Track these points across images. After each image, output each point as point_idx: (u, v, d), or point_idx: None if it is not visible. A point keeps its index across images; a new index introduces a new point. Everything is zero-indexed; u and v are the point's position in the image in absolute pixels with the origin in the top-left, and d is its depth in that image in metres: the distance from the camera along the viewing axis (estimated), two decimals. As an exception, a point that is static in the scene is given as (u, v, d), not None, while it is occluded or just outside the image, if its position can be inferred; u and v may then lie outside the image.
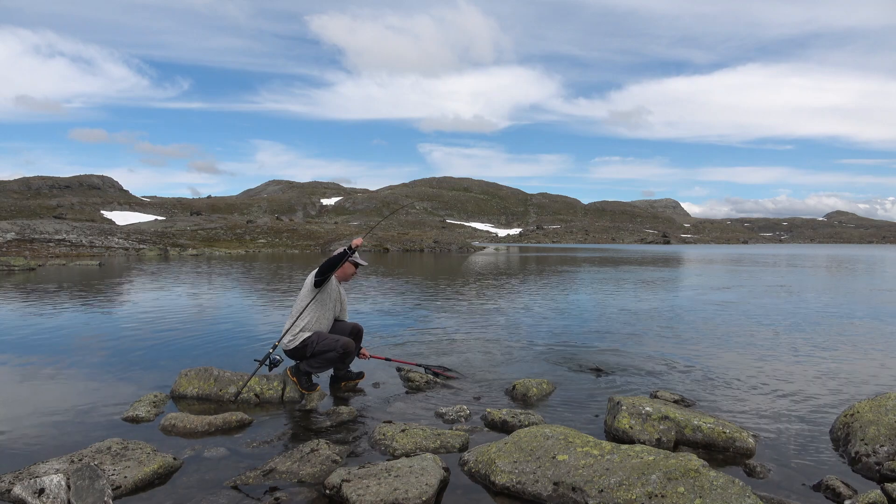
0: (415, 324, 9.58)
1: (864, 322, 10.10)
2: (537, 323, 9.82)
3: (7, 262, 25.81)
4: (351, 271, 5.62)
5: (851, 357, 7.14)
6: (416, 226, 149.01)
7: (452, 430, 4.24)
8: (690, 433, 4.02)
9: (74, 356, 6.90)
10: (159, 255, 43.03)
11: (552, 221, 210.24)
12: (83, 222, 63.22)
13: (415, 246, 62.19)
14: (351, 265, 5.57)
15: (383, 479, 3.23)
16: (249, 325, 9.37)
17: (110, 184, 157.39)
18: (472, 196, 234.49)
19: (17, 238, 42.14)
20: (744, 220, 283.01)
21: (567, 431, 3.72)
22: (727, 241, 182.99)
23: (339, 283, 5.61)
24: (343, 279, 5.63)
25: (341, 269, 5.53)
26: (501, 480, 3.35)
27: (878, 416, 3.87)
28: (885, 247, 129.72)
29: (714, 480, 2.99)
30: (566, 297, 14.35)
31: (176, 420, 4.34)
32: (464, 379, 5.90)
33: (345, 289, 5.80)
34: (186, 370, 5.36)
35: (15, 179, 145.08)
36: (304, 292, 5.28)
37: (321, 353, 5.09)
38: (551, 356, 7.05)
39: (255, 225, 76.15)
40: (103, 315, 10.49)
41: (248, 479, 3.43)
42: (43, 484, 2.99)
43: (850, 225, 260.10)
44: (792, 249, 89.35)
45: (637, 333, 8.78)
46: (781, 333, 8.86)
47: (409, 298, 13.39)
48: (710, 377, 6.04)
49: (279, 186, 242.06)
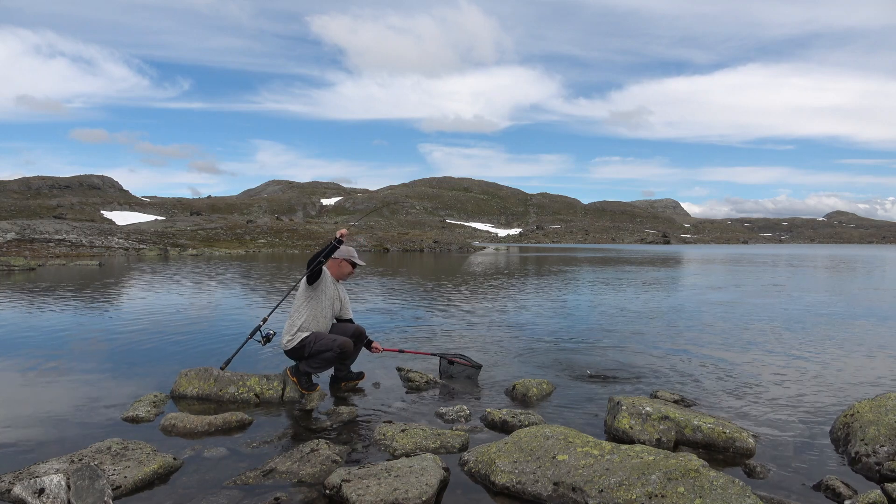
0: (415, 323, 9.59)
1: (865, 322, 10.10)
2: (537, 323, 9.82)
3: (7, 262, 25.81)
4: (347, 270, 5.57)
5: (851, 357, 7.14)
6: (416, 226, 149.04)
7: (452, 430, 4.24)
8: (690, 433, 4.02)
9: (74, 356, 6.90)
10: (159, 255, 43.03)
11: (552, 221, 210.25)
12: (83, 222, 63.23)
13: (415, 246, 62.18)
14: (348, 264, 5.53)
15: (383, 479, 3.23)
16: (249, 325, 9.36)
17: (110, 184, 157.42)
18: (472, 196, 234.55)
19: (17, 238, 42.15)
20: (744, 220, 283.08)
21: (567, 431, 3.72)
22: (727, 241, 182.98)
23: (337, 281, 5.60)
24: (340, 277, 5.59)
25: (337, 267, 5.49)
26: (501, 480, 3.35)
27: (878, 417, 3.87)
28: (886, 247, 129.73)
29: (714, 480, 2.99)
30: (566, 296, 14.35)
31: (176, 420, 4.34)
32: (482, 370, 5.91)
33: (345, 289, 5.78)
34: (186, 370, 5.36)
35: (15, 179, 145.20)
36: (300, 291, 5.27)
37: (318, 353, 5.08)
38: (551, 356, 7.04)
39: (255, 225, 76.15)
40: (103, 315, 10.49)
41: (248, 479, 3.43)
42: (43, 484, 2.99)
43: (850, 225, 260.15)
44: (792, 249, 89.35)
45: (637, 333, 8.78)
46: (781, 333, 8.86)
47: (408, 298, 13.39)
48: (710, 377, 6.04)
49: (279, 186, 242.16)
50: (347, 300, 5.69)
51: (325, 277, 5.34)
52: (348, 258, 5.51)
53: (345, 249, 5.48)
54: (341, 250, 5.45)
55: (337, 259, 5.48)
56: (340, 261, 5.50)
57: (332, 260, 5.47)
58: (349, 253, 5.52)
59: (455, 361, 5.90)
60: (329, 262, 5.47)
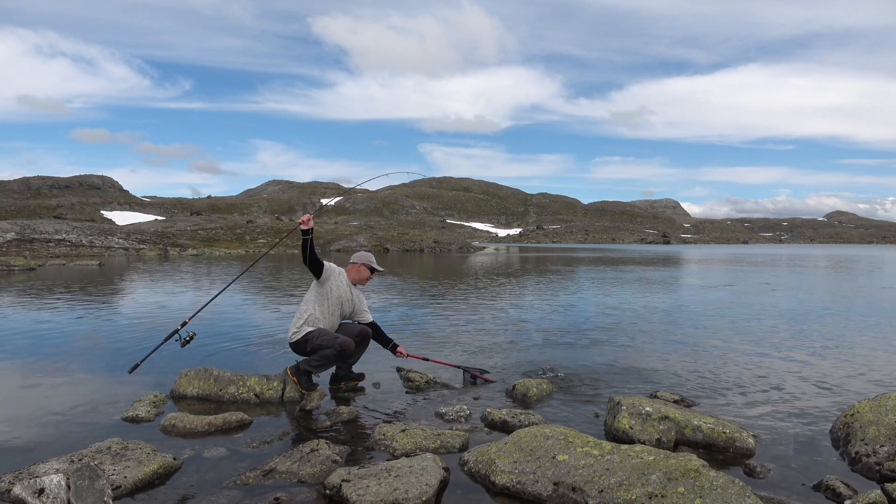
0: (414, 323, 9.58)
1: (865, 321, 10.10)
2: (537, 323, 9.81)
3: (7, 262, 25.81)
4: (366, 275, 5.60)
5: (851, 357, 7.14)
6: (416, 226, 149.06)
7: (452, 430, 4.24)
8: (690, 433, 4.02)
9: (74, 356, 6.90)
10: (159, 255, 43.03)
11: (552, 221, 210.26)
12: (83, 222, 63.23)
13: (415, 246, 62.18)
14: (366, 269, 5.57)
15: (383, 479, 3.23)
16: (249, 324, 9.36)
17: (110, 184, 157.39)
18: (472, 196, 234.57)
19: (17, 238, 42.14)
20: (744, 220, 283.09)
21: (567, 431, 3.72)
22: (727, 241, 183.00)
23: (353, 285, 5.60)
24: (358, 282, 5.61)
25: (356, 272, 5.54)
26: (501, 480, 3.35)
27: (878, 417, 3.87)
28: (886, 247, 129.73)
29: (714, 480, 2.99)
30: (566, 296, 14.35)
31: (176, 420, 4.34)
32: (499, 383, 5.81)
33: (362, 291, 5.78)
34: (186, 370, 5.36)
35: (15, 179, 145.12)
36: (311, 286, 5.36)
37: (319, 349, 5.09)
38: (551, 356, 7.04)
39: (255, 225, 76.16)
40: (103, 315, 10.49)
41: (248, 479, 3.43)
42: (43, 484, 2.98)
43: (850, 225, 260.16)
44: (792, 249, 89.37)
45: (637, 333, 8.78)
46: (781, 333, 8.86)
47: (408, 298, 13.38)
48: (710, 377, 6.04)
49: (279, 186, 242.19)
50: (363, 303, 5.67)
51: (332, 275, 5.36)
52: (367, 263, 5.57)
53: (364, 255, 5.59)
54: (361, 255, 5.57)
55: (356, 264, 5.55)
56: (359, 266, 5.55)
57: (352, 265, 5.56)
58: (368, 259, 5.60)
59: (477, 377, 5.90)
60: (348, 267, 5.56)
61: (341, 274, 5.46)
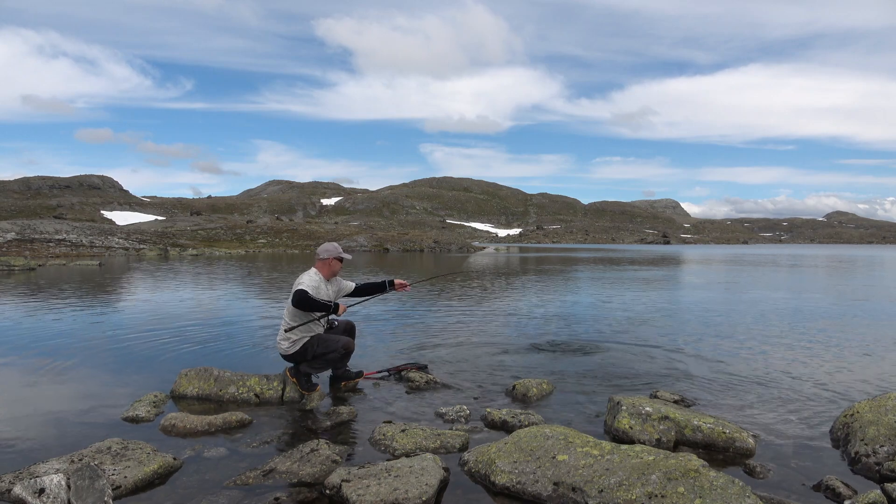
0: (414, 323, 9.58)
1: (865, 321, 10.10)
2: (537, 323, 9.81)
3: (7, 262, 25.80)
4: (337, 267, 5.55)
5: (851, 357, 7.14)
6: (416, 226, 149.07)
7: (452, 430, 4.24)
8: (690, 433, 4.02)
9: (74, 356, 6.89)
10: (159, 255, 43.03)
11: (552, 221, 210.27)
12: (83, 222, 63.23)
13: (415, 246, 62.17)
14: (336, 262, 5.51)
15: (383, 479, 3.23)
16: (249, 324, 9.36)
17: (110, 184, 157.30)
18: (472, 196, 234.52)
19: (17, 238, 42.14)
20: (744, 220, 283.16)
21: (567, 431, 3.72)
22: (727, 241, 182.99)
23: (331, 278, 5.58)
24: (331, 276, 5.55)
25: (328, 268, 5.47)
26: (501, 480, 3.35)
27: (878, 417, 3.87)
28: (885, 247, 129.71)
29: (714, 480, 2.99)
30: (566, 296, 14.34)
31: (176, 420, 4.34)
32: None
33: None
34: (186, 370, 5.36)
35: (15, 179, 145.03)
36: (292, 309, 5.16)
37: (323, 355, 5.11)
38: (551, 356, 7.04)
39: (255, 225, 76.17)
40: (103, 315, 10.49)
41: (248, 479, 3.43)
42: (43, 484, 2.98)
43: (850, 225, 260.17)
44: (792, 250, 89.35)
45: (637, 333, 8.77)
46: (781, 333, 8.86)
47: (407, 298, 13.38)
48: (710, 377, 6.04)
49: (279, 186, 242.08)
50: (342, 284, 5.69)
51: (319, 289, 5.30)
52: (336, 256, 5.51)
53: (332, 248, 5.50)
54: (327, 249, 5.48)
55: (326, 260, 5.46)
56: (329, 261, 5.47)
57: (322, 262, 5.48)
58: (336, 251, 5.52)
59: (401, 370, 5.93)
60: (318, 265, 5.49)
61: (319, 280, 5.37)
